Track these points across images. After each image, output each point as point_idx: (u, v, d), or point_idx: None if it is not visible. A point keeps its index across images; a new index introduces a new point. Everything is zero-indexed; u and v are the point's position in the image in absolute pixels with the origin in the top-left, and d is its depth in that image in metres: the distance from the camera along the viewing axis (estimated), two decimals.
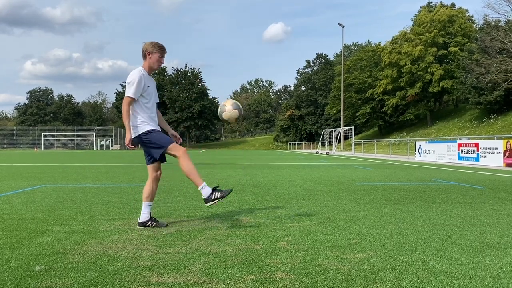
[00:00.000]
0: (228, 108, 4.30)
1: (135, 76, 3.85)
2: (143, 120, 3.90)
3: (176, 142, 4.20)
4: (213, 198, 3.74)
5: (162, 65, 4.13)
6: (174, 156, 3.88)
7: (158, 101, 4.18)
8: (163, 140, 3.87)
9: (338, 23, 52.11)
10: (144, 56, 3.97)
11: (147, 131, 3.89)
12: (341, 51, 63.19)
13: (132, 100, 3.85)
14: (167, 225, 4.04)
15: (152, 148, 3.91)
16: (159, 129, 4.03)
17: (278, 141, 78.43)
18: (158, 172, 4.09)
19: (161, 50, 3.99)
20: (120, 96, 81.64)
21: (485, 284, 2.44)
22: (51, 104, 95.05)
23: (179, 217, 4.54)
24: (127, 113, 3.83)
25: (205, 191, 3.78)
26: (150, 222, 3.99)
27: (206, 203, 3.79)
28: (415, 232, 3.81)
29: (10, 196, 6.32)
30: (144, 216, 4.00)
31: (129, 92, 3.82)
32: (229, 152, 42.38)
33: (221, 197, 3.76)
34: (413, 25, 51.42)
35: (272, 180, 8.95)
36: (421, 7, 55.22)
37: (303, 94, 75.35)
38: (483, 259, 2.95)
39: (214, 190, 3.79)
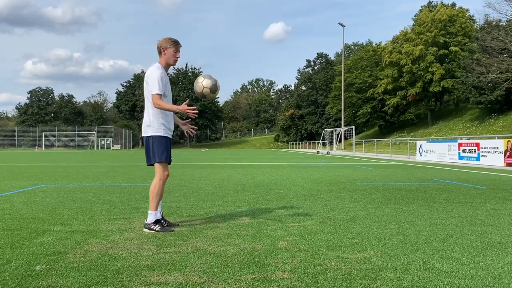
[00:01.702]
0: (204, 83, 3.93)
1: (155, 73, 3.86)
2: (162, 123, 3.91)
3: (190, 134, 4.25)
4: (151, 227, 3.85)
5: (179, 60, 4.12)
6: (155, 172, 3.96)
7: (171, 98, 4.20)
8: (160, 155, 3.89)
9: (339, 23, 52.10)
10: (160, 53, 3.99)
11: (160, 136, 3.90)
12: (341, 51, 63.20)
13: (160, 96, 3.84)
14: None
15: (150, 153, 3.93)
16: (171, 136, 4.02)
17: (278, 141, 78.41)
18: (166, 173, 4.10)
19: (175, 44, 4.00)
20: (120, 95, 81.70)
21: (486, 284, 2.44)
22: (52, 104, 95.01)
23: (180, 217, 4.55)
24: (165, 104, 3.83)
25: (151, 218, 3.89)
26: (162, 221, 3.99)
27: (144, 227, 3.90)
28: (416, 231, 3.81)
29: (11, 196, 6.33)
30: (156, 215, 3.98)
31: (155, 89, 3.81)
32: (230, 152, 42.40)
33: (159, 231, 3.81)
34: (413, 25, 51.37)
35: (273, 180, 8.95)
36: (421, 6, 55.19)
37: (303, 94, 75.31)
38: (484, 258, 2.95)
39: (157, 221, 3.89)
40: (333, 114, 63.20)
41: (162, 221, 3.98)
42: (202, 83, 3.87)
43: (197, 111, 3.87)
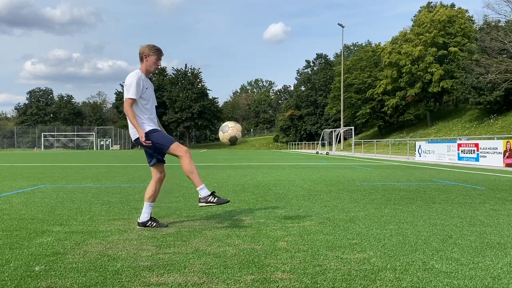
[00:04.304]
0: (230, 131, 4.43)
1: (133, 78, 3.87)
2: (142, 122, 3.91)
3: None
4: (208, 200, 3.82)
5: (161, 66, 4.14)
6: (176, 156, 3.90)
7: (156, 104, 4.20)
8: (165, 139, 3.90)
9: (338, 23, 52.14)
10: (141, 59, 4.01)
11: (148, 131, 3.89)
12: (341, 51, 63.23)
13: (133, 101, 3.86)
14: (167, 225, 4.06)
15: (154, 147, 3.92)
16: (159, 129, 4.03)
17: (278, 141, 78.38)
18: (162, 174, 4.11)
19: (158, 52, 4.02)
20: (120, 96, 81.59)
21: (485, 284, 2.44)
22: (51, 104, 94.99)
23: (179, 217, 4.54)
24: (132, 113, 3.83)
25: (204, 192, 3.85)
26: (150, 222, 4.00)
27: (199, 202, 3.87)
28: (415, 232, 3.81)
29: (10, 196, 6.32)
30: (144, 216, 4.01)
31: (129, 94, 3.84)
32: (229, 152, 42.39)
33: (216, 203, 3.82)
34: (413, 25, 51.38)
35: (272, 180, 8.95)
36: (421, 7, 55.23)
37: (303, 94, 75.32)
38: (483, 259, 2.95)
39: (212, 193, 3.86)
40: (333, 115, 63.22)
41: (150, 221, 3.98)
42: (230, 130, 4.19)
43: (151, 143, 3.84)
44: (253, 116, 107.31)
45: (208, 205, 3.83)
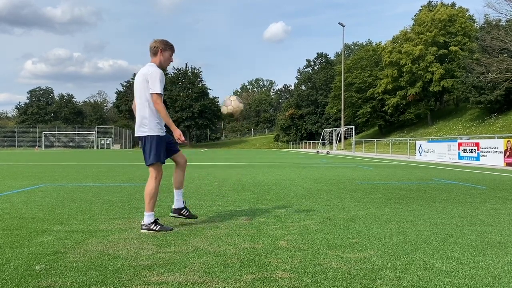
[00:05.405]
0: (233, 103, 4.52)
1: (158, 72, 3.83)
2: (158, 122, 3.88)
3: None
4: (151, 227, 3.79)
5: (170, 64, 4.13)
6: (150, 173, 3.92)
7: None
8: (157, 154, 3.86)
9: (339, 23, 52.16)
10: (155, 53, 3.96)
11: (160, 136, 3.86)
12: (341, 51, 63.22)
13: (161, 96, 3.80)
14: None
15: (146, 153, 3.89)
16: (165, 133, 3.98)
17: (278, 141, 78.37)
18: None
19: (172, 48, 4.04)
20: (120, 95, 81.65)
21: (486, 283, 2.44)
22: (52, 104, 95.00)
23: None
24: (164, 109, 3.79)
25: (148, 219, 3.83)
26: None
27: (141, 228, 3.83)
28: (416, 231, 3.81)
29: (10, 195, 6.32)
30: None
31: (157, 89, 3.77)
32: (230, 152, 42.39)
33: (158, 231, 3.78)
34: (413, 25, 51.34)
35: (273, 180, 8.95)
36: (421, 6, 55.19)
37: (303, 94, 75.30)
38: (484, 258, 2.95)
39: (155, 221, 3.84)
40: (333, 114, 63.19)
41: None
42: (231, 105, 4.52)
43: (186, 141, 3.87)
44: (253, 116, 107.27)
45: (148, 232, 3.76)
